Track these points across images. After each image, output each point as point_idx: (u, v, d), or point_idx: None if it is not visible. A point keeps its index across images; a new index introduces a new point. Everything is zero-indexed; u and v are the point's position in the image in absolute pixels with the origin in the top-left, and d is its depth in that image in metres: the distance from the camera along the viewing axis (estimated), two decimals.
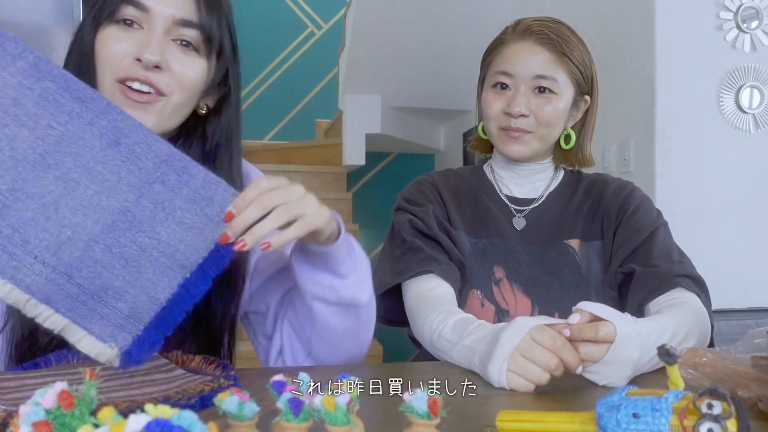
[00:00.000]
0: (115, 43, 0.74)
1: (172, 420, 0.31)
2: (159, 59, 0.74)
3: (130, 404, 0.56)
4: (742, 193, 2.03)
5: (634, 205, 1.08)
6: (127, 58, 0.74)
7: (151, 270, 0.63)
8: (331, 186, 4.04)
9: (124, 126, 0.64)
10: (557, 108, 1.05)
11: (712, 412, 0.41)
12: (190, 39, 0.77)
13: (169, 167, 0.65)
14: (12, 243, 0.59)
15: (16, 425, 0.36)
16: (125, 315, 0.62)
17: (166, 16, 0.75)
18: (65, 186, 0.62)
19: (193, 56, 0.78)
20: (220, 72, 0.82)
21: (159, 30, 0.75)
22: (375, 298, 1.03)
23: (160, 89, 0.76)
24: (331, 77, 5.13)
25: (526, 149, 1.07)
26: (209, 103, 0.84)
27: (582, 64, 1.07)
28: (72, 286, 0.61)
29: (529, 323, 0.75)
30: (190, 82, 0.78)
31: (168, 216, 0.64)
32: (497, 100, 1.07)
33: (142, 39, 0.74)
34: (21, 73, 0.62)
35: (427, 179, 1.17)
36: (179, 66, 0.76)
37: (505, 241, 1.09)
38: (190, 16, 0.76)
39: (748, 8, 2.03)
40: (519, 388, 0.72)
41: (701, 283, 0.99)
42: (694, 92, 2.02)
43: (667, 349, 0.45)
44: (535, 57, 1.04)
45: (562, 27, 1.08)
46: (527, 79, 1.04)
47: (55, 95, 0.63)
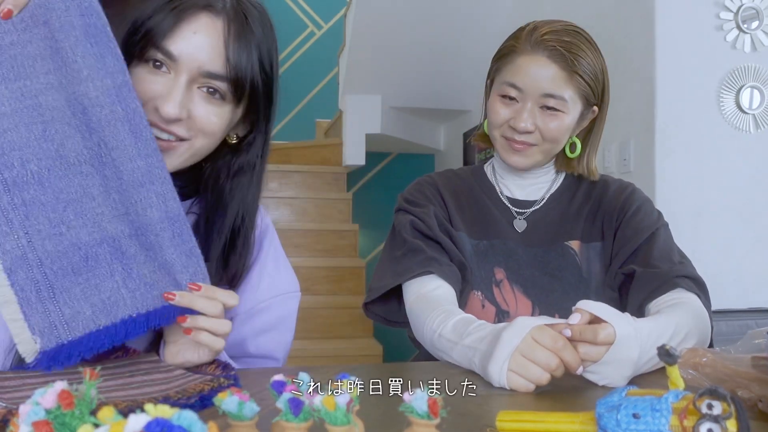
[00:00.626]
0: (141, 85, 0.72)
1: (171, 420, 0.31)
2: (178, 114, 0.73)
3: (130, 404, 0.56)
4: (742, 194, 2.03)
5: (635, 207, 1.08)
6: (150, 103, 0.73)
7: (108, 294, 0.67)
8: (331, 186, 4.05)
9: (155, 173, 0.70)
10: (563, 124, 1.04)
11: (712, 413, 0.41)
12: (216, 88, 0.75)
13: (170, 225, 0.70)
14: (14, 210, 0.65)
15: (15, 425, 0.36)
16: (64, 320, 0.65)
17: (193, 68, 0.73)
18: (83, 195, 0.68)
19: (218, 104, 0.76)
20: (252, 114, 0.81)
21: (183, 81, 0.73)
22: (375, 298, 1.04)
23: (181, 136, 0.75)
24: (331, 77, 5.13)
25: (527, 161, 1.07)
26: (239, 132, 0.83)
27: (593, 78, 1.04)
28: (38, 272, 0.65)
29: (530, 323, 0.75)
30: (213, 129, 0.77)
31: (147, 262, 0.69)
32: (503, 110, 1.05)
33: (166, 87, 0.73)
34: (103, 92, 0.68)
35: (428, 180, 1.17)
36: (202, 113, 0.75)
37: (505, 242, 1.09)
38: (217, 69, 0.73)
39: (749, 8, 2.03)
40: (519, 388, 0.72)
41: (701, 283, 0.99)
42: (694, 92, 2.02)
43: (667, 349, 0.45)
44: (544, 72, 1.01)
45: (578, 39, 1.04)
46: (535, 96, 1.02)
47: (117, 122, 0.68)
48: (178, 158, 0.77)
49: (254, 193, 0.85)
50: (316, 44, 5.18)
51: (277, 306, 0.90)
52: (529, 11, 2.63)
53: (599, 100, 1.08)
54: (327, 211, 3.84)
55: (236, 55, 0.74)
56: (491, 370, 0.74)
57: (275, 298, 0.90)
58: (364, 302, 1.10)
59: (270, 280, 0.89)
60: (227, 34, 0.74)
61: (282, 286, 0.91)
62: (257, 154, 0.84)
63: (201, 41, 0.72)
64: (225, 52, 0.73)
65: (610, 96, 1.10)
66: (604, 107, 1.10)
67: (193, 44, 0.72)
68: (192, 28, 0.72)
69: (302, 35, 5.17)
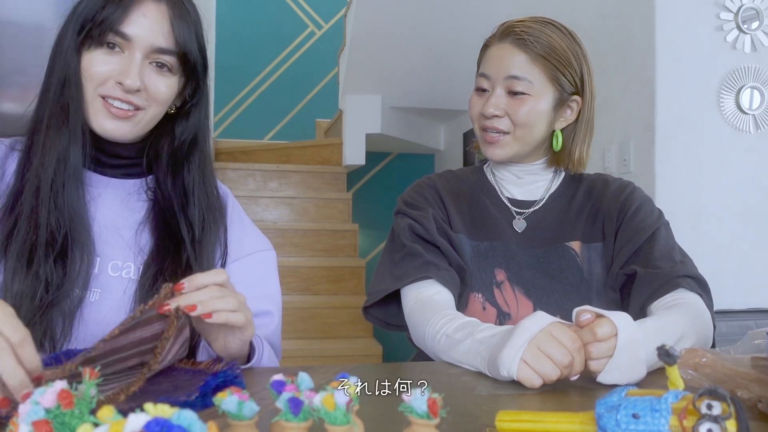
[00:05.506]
0: (100, 66, 0.84)
1: (171, 419, 0.31)
2: (138, 85, 0.84)
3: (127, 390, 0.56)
4: (742, 194, 2.03)
5: (635, 206, 1.08)
6: (110, 80, 0.85)
7: None
8: (331, 186, 4.04)
9: None
10: (534, 109, 1.04)
11: (711, 413, 0.41)
12: (165, 62, 0.87)
13: None
14: None
15: (15, 424, 0.36)
16: None
17: (146, 44, 0.85)
18: None
19: (167, 75, 0.88)
20: (191, 84, 0.92)
21: (138, 58, 0.85)
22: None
23: (138, 105, 0.87)
24: (331, 77, 5.13)
25: (504, 152, 1.07)
26: (177, 103, 0.94)
27: (564, 62, 1.04)
28: None
29: (550, 318, 0.75)
30: (164, 98, 0.89)
31: None
32: (477, 102, 1.08)
33: (123, 64, 0.85)
34: None
35: (428, 182, 1.16)
36: (154, 85, 0.87)
37: (505, 243, 1.09)
38: (166, 44, 0.86)
39: (749, 9, 2.03)
40: (526, 381, 0.72)
41: (703, 283, 0.99)
42: (694, 92, 2.01)
43: (666, 349, 0.45)
44: (509, 58, 1.04)
45: (547, 27, 1.05)
46: (500, 80, 1.04)
47: None
48: (136, 126, 0.88)
49: (209, 168, 0.96)
50: (316, 44, 5.18)
51: (251, 264, 0.97)
52: (528, 12, 2.62)
53: (578, 88, 1.07)
54: (327, 211, 3.84)
55: (180, 32, 0.87)
56: (503, 357, 0.73)
57: (246, 258, 0.97)
58: (363, 306, 1.10)
59: (238, 244, 0.97)
60: (171, 16, 0.87)
61: (250, 246, 0.98)
62: (198, 117, 0.95)
63: (150, 23, 0.85)
64: (172, 31, 0.86)
65: (594, 86, 1.10)
66: (587, 96, 1.08)
67: (144, 26, 0.85)
68: (141, 11, 0.85)
69: (302, 35, 5.17)
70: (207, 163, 0.95)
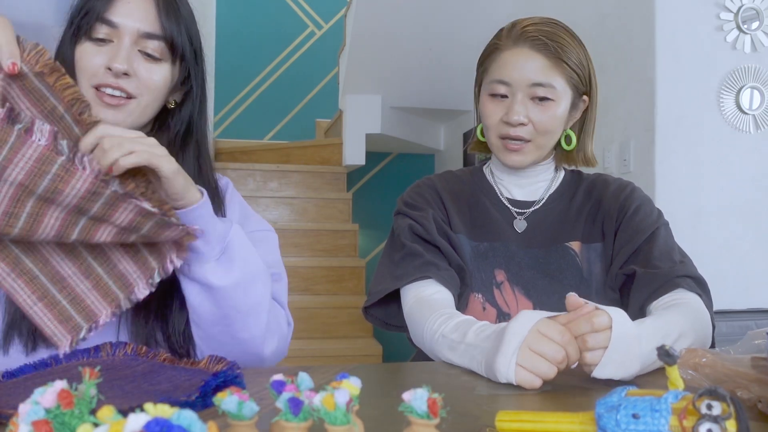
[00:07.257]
0: (91, 57, 0.86)
1: (171, 419, 0.31)
2: (126, 68, 0.85)
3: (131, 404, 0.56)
4: (742, 194, 2.03)
5: (635, 206, 1.08)
6: (101, 68, 0.85)
7: None
8: (331, 186, 4.05)
9: None
10: (555, 115, 1.04)
11: (711, 413, 0.41)
12: (154, 49, 0.88)
13: None
14: None
15: (15, 424, 0.36)
16: None
17: (132, 30, 0.86)
18: None
19: (157, 63, 0.89)
20: (183, 73, 0.93)
21: (126, 43, 0.85)
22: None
23: (130, 93, 0.86)
24: (331, 77, 5.13)
25: (525, 159, 1.07)
26: (176, 98, 0.95)
27: (579, 66, 1.05)
28: None
29: (535, 316, 0.75)
30: (155, 85, 0.88)
31: None
32: (496, 109, 1.05)
33: (112, 51, 0.85)
34: None
35: (427, 182, 1.16)
36: (145, 72, 0.87)
37: (505, 244, 1.09)
38: (153, 29, 0.87)
39: (749, 9, 2.03)
40: (526, 384, 0.72)
41: (702, 283, 0.99)
42: (694, 93, 2.02)
43: (666, 349, 0.45)
44: (530, 63, 1.02)
45: (558, 29, 1.05)
46: (524, 87, 1.02)
47: None
48: (129, 115, 0.87)
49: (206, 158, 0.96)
50: (316, 44, 5.18)
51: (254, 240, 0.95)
52: (528, 11, 2.62)
53: (588, 88, 1.08)
54: (327, 211, 3.84)
55: (167, 19, 0.88)
56: (498, 365, 0.74)
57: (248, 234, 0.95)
58: (363, 306, 1.10)
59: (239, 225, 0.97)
60: (157, 2, 0.88)
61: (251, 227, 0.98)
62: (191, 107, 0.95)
63: (136, 9, 0.86)
64: (158, 16, 0.87)
65: (598, 86, 1.11)
66: (594, 96, 1.10)
67: (130, 12, 0.86)
68: None
69: (302, 35, 5.17)
70: (203, 154, 0.95)
